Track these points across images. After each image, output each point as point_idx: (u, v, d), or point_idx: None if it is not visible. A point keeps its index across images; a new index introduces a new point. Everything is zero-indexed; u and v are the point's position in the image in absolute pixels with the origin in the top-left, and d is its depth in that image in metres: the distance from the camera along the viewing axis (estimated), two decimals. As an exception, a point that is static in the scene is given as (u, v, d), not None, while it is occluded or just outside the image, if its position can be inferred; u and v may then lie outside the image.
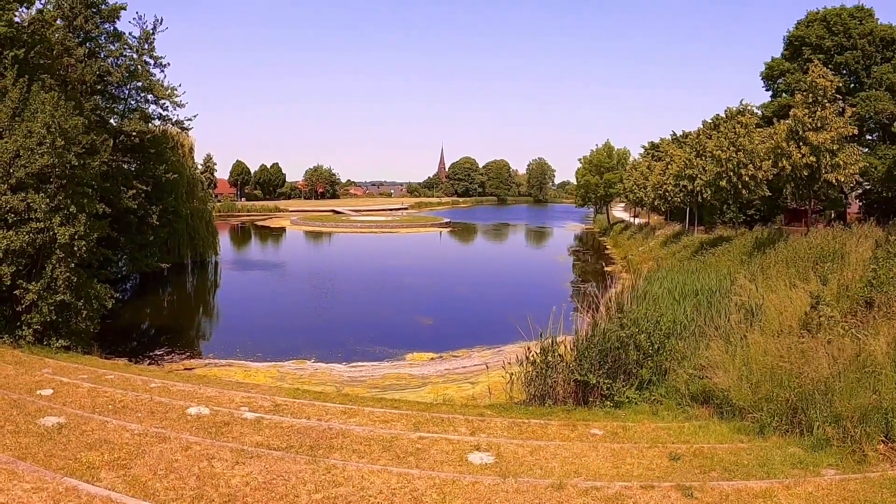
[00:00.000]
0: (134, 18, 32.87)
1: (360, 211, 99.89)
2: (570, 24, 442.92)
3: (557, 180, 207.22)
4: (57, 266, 17.19)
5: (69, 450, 6.73)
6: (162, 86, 32.64)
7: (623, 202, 79.12)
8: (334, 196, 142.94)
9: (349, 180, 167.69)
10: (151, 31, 31.95)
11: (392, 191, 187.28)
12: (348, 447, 8.17)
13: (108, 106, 30.78)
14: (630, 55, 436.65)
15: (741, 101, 34.90)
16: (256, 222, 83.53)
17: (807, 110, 24.29)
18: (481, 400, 15.15)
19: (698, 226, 42.35)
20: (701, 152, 36.46)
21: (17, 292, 17.07)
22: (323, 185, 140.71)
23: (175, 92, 32.98)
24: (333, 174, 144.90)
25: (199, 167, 51.21)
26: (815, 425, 8.86)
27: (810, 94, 24.57)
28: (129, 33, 31.47)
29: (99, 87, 29.30)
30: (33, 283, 16.97)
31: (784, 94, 38.62)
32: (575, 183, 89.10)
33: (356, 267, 44.16)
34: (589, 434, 9.86)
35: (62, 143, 16.91)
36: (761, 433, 9.50)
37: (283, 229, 75.89)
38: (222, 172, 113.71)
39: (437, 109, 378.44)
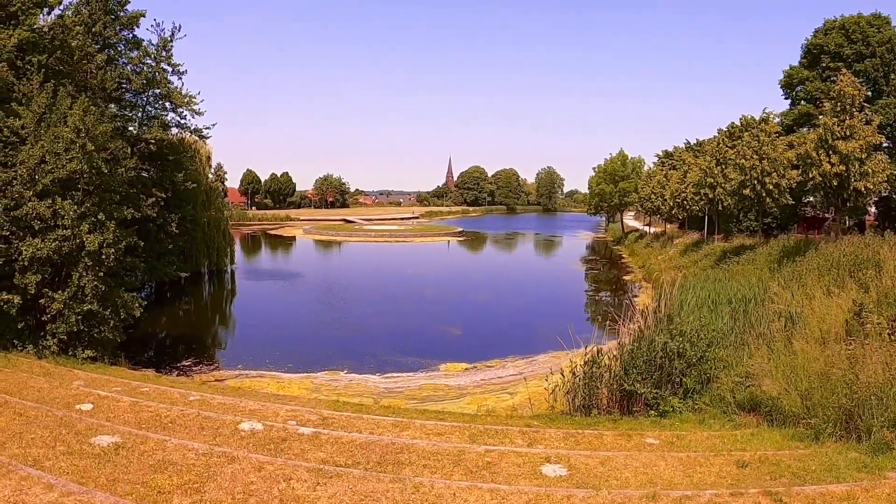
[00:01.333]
0: (152, 26, 32.63)
1: (371, 220, 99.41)
2: (577, 34, 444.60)
3: (565, 189, 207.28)
4: (84, 274, 16.71)
5: (132, 473, 6.18)
6: (180, 93, 32.28)
7: (633, 211, 78.85)
8: (344, 205, 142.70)
9: (357, 189, 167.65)
10: (169, 39, 31.63)
11: (401, 200, 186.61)
12: (417, 462, 7.82)
13: (124, 114, 30.46)
14: (637, 64, 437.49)
15: (764, 110, 34.71)
16: (268, 231, 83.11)
17: (835, 119, 24.06)
18: (522, 410, 14.94)
19: (716, 234, 42.00)
20: (721, 160, 36.18)
21: (42, 301, 16.63)
22: (333, 194, 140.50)
23: (193, 100, 32.57)
24: (343, 183, 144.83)
25: (211, 176, 50.75)
26: (872, 430, 8.91)
27: (838, 103, 24.33)
28: (148, 41, 31.16)
29: (117, 94, 29.00)
30: (59, 291, 16.51)
31: (803, 103, 38.40)
32: (582, 192, 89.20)
33: (375, 276, 43.65)
34: (645, 444, 9.78)
35: (92, 148, 16.51)
36: (817, 439, 9.52)
37: (296, 238, 75.32)
38: (232, 181, 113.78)
39: (443, 118, 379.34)
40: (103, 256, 16.75)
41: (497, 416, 13.43)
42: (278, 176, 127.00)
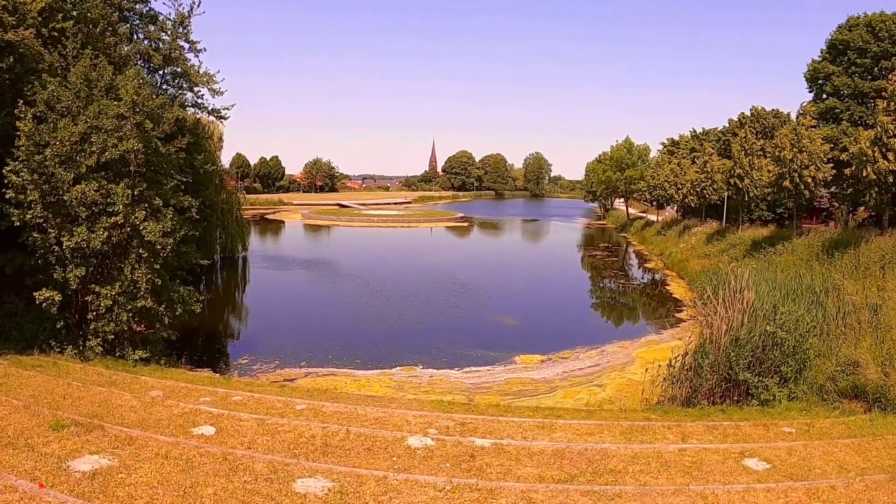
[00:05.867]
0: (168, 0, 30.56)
1: (366, 205, 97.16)
2: (563, 20, 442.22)
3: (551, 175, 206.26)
4: (137, 267, 15.00)
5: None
6: (198, 72, 30.28)
7: (622, 198, 79.66)
8: (333, 189, 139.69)
9: (341, 173, 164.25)
10: (187, 14, 29.55)
11: (388, 184, 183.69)
12: (629, 469, 7.43)
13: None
14: (625, 53, 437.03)
15: (801, 105, 34.80)
16: (266, 216, 79.71)
17: (889, 118, 23.98)
18: (619, 403, 14.78)
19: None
20: (749, 151, 36.07)
21: (88, 298, 14.90)
22: (322, 179, 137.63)
23: (213, 78, 30.58)
24: (333, 168, 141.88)
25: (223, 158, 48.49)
26: None
27: (891, 102, 24.17)
28: (165, 16, 29.05)
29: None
30: (107, 286, 14.74)
31: (829, 97, 38.29)
32: (567, 178, 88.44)
33: (398, 264, 41.96)
34: (783, 433, 9.92)
35: (151, 125, 14.81)
36: (936, 423, 10.00)
37: (297, 224, 72.71)
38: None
39: (426, 102, 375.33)
40: (159, 247, 15.08)
41: (611, 411, 13.14)
42: (268, 160, 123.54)
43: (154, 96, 18.72)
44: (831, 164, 29.61)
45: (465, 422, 9.96)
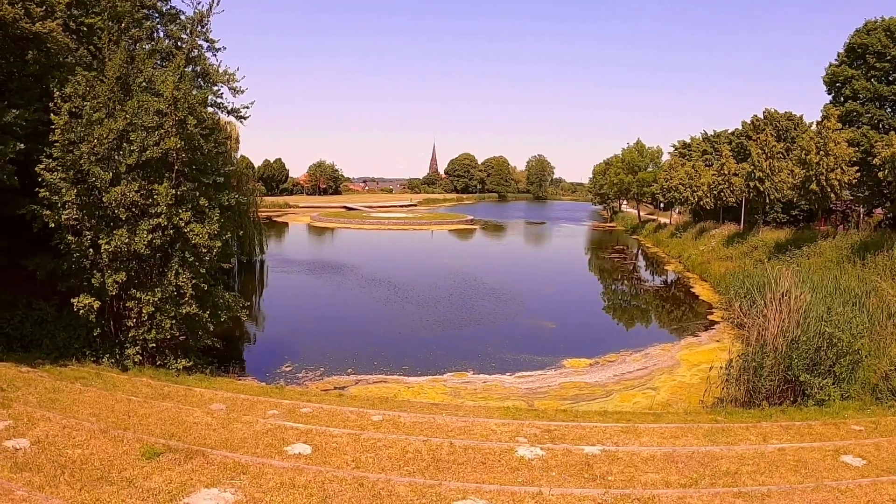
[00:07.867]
0: (187, -1, 30.07)
1: (372, 207, 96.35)
2: (562, 21, 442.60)
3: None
4: (181, 271, 14.41)
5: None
6: (217, 70, 29.78)
7: (631, 200, 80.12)
8: (336, 192, 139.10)
9: (344, 176, 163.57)
10: (206, 13, 29.07)
11: (392, 187, 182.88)
12: (745, 470, 7.40)
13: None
14: (625, 55, 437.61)
15: (824, 107, 34.65)
16: (273, 218, 77.98)
17: None
18: (676, 405, 14.70)
19: (760, 225, 42.01)
20: (770, 154, 35.93)
21: (129, 304, 14.25)
22: (325, 181, 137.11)
23: (234, 77, 30.05)
24: (336, 170, 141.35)
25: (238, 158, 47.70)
26: None
27: None
28: (187, 15, 28.58)
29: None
30: (149, 292, 14.05)
31: (848, 100, 38.24)
32: (568, 181, 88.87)
33: (419, 267, 41.05)
34: (853, 430, 10.18)
35: (194, 122, 14.23)
36: None
37: (303, 226, 71.64)
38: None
39: (426, 105, 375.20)
40: (205, 250, 14.50)
41: (675, 413, 13.03)
42: (271, 162, 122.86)
43: (195, 91, 18.25)
44: (856, 168, 29.49)
45: (550, 429, 9.53)
